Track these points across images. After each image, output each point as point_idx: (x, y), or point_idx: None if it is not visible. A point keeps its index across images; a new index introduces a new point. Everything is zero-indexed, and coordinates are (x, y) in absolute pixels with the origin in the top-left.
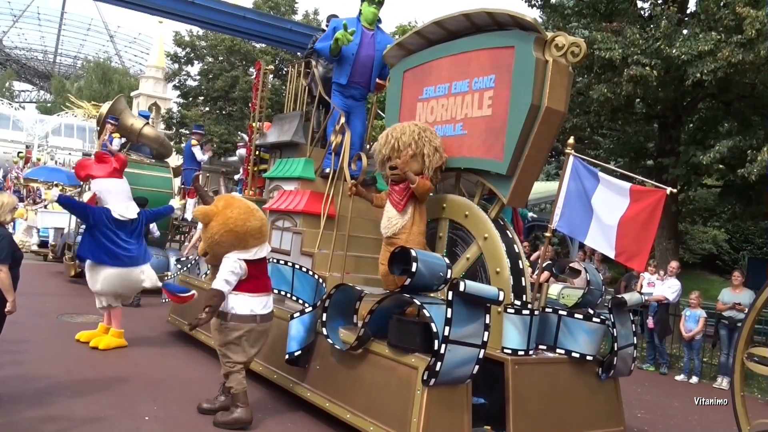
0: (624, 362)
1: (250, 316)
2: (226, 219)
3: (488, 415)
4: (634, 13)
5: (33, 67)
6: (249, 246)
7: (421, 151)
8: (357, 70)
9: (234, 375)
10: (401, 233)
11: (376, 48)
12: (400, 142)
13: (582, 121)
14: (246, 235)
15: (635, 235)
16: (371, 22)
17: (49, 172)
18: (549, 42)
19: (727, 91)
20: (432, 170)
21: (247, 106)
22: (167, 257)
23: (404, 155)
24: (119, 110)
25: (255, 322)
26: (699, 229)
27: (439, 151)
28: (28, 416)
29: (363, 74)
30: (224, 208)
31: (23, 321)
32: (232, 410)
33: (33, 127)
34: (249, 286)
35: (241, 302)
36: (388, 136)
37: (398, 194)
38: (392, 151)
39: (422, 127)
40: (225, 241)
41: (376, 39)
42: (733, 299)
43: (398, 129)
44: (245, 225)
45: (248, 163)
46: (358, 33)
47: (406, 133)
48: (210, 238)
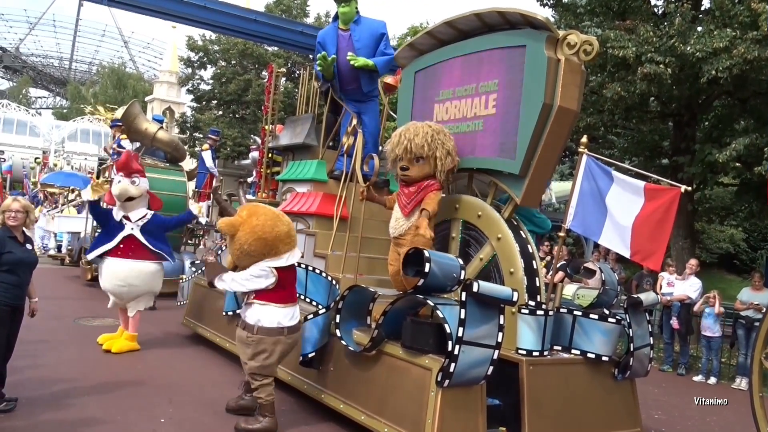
0: (640, 363)
1: (277, 329)
2: (253, 227)
3: (503, 416)
4: (648, 11)
5: (49, 73)
6: (280, 252)
7: (434, 154)
8: (344, 76)
9: (262, 388)
10: (407, 234)
11: (355, 47)
12: (413, 144)
13: (596, 120)
14: (276, 241)
15: (650, 234)
16: (346, 22)
17: (65, 177)
18: (561, 40)
19: (743, 88)
20: (444, 174)
21: (259, 109)
22: (182, 260)
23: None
24: (133, 115)
25: (282, 335)
26: (716, 228)
27: (452, 155)
28: (45, 419)
29: (352, 78)
30: (249, 217)
31: (40, 325)
32: (258, 419)
33: (50, 132)
34: (277, 297)
35: (269, 314)
36: (401, 136)
37: (407, 197)
38: (405, 152)
39: (436, 129)
40: (255, 250)
41: (353, 37)
42: (752, 299)
43: (411, 130)
44: (273, 230)
45: (261, 166)
46: (334, 40)
47: (419, 134)
48: (239, 249)
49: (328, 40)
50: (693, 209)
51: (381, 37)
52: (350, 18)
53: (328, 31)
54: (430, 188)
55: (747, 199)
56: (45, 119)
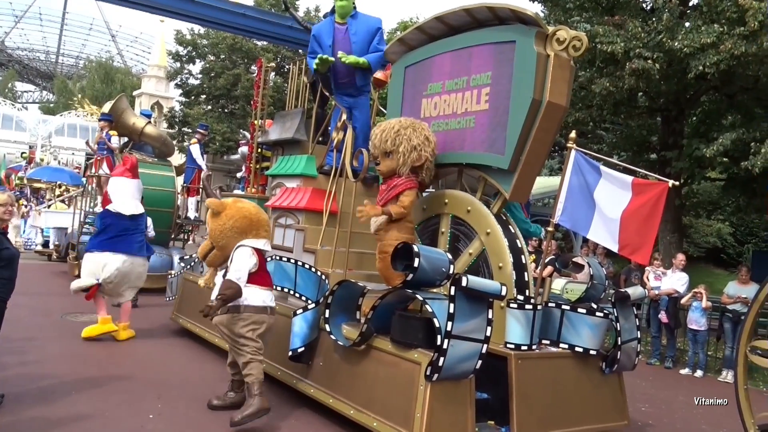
0: (628, 356)
1: (263, 307)
2: (240, 208)
3: (492, 410)
4: (636, 7)
5: (35, 67)
6: (260, 235)
7: (397, 148)
8: (339, 70)
9: (253, 364)
10: (380, 230)
11: (351, 40)
12: (379, 139)
13: (584, 116)
14: (259, 223)
15: (638, 229)
16: (343, 16)
17: (52, 172)
18: (550, 36)
19: (730, 84)
20: (407, 168)
21: (249, 103)
22: (171, 256)
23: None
24: (121, 109)
25: (266, 313)
26: (703, 222)
27: (418, 149)
28: (32, 415)
29: (347, 72)
30: (235, 201)
31: (27, 320)
32: (249, 402)
33: (36, 127)
34: (259, 279)
35: (254, 294)
36: (374, 131)
37: (380, 194)
38: (373, 148)
39: (404, 124)
40: (239, 227)
41: (350, 31)
42: (739, 292)
43: (383, 125)
44: (258, 214)
45: (250, 161)
46: (330, 33)
47: (386, 129)
48: (222, 224)
49: (324, 33)
50: (680, 204)
51: (376, 32)
52: (347, 12)
53: (324, 24)
54: (400, 188)
55: (734, 194)
56: (31, 114)
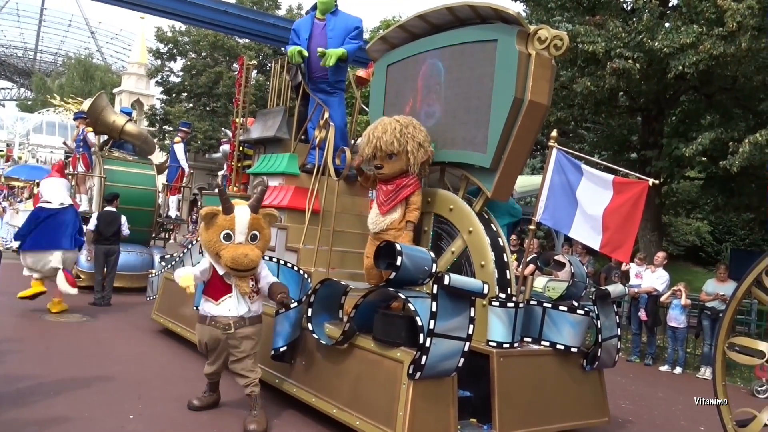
0: (608, 353)
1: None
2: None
3: (474, 407)
4: (617, 7)
5: (13, 64)
6: None
7: (404, 148)
8: (313, 64)
9: (257, 378)
10: (389, 230)
11: (328, 36)
12: (382, 142)
13: (566, 115)
14: None
15: (619, 227)
16: (324, 12)
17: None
18: (532, 35)
19: (709, 84)
20: (418, 166)
21: (230, 102)
22: (151, 255)
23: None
24: (101, 107)
25: None
26: (682, 221)
27: (424, 146)
28: (10, 417)
29: (321, 67)
30: None
31: (3, 321)
32: (262, 412)
33: (14, 125)
34: None
35: (259, 303)
36: (370, 135)
37: (385, 195)
38: (375, 150)
39: (404, 122)
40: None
41: (327, 27)
42: (717, 290)
43: (380, 128)
44: None
45: (232, 159)
46: (308, 27)
47: (388, 131)
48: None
49: (302, 28)
50: (660, 202)
51: (353, 30)
52: (328, 8)
53: (305, 19)
54: (409, 189)
55: (712, 193)
56: (9, 111)
